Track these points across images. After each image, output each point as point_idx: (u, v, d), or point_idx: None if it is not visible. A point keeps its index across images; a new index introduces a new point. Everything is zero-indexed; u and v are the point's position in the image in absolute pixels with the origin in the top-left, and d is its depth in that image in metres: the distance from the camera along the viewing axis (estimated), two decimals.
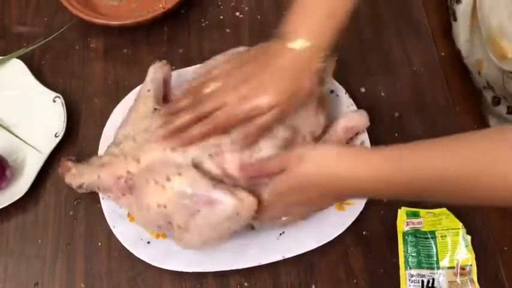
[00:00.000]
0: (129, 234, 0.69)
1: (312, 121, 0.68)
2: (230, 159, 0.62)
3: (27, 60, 0.82)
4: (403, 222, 0.69)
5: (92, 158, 0.69)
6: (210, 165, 0.62)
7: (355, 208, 0.70)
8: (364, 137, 0.73)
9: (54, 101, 0.78)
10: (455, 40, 0.82)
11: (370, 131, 0.73)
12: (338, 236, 0.68)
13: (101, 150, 0.74)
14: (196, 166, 0.62)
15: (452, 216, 0.68)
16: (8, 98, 0.80)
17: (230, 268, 0.67)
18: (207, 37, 0.86)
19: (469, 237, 0.67)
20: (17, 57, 0.81)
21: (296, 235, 0.68)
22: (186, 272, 0.67)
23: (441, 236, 0.67)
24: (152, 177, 0.61)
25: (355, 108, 0.76)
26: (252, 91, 0.60)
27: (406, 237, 0.68)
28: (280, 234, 0.69)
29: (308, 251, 0.68)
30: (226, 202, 0.60)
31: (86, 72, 0.83)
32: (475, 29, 0.79)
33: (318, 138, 0.69)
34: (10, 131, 0.77)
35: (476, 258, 0.66)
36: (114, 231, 0.69)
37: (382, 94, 0.80)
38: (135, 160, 0.64)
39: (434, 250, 0.67)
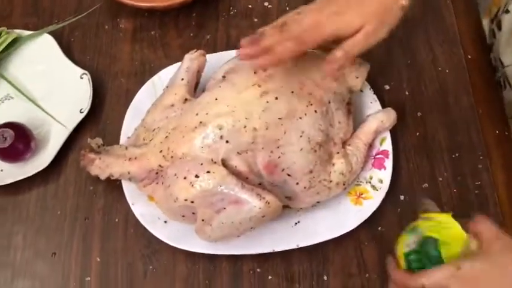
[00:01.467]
0: (146, 212, 0.69)
1: (342, 126, 0.68)
2: (259, 158, 0.63)
3: (57, 36, 0.83)
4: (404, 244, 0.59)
5: (113, 147, 0.69)
6: (237, 162, 0.63)
7: (372, 203, 0.70)
8: (386, 135, 0.74)
9: (81, 78, 0.79)
10: (495, 49, 0.82)
11: (392, 128, 0.74)
12: (353, 229, 0.69)
13: (124, 130, 0.75)
14: (224, 162, 0.63)
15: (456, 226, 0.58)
16: (37, 72, 0.81)
17: (244, 253, 0.68)
18: (234, 25, 0.86)
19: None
20: (48, 33, 0.83)
21: (311, 225, 0.69)
22: (200, 254, 0.68)
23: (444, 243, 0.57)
24: (182, 173, 0.62)
25: (378, 104, 0.76)
26: (342, 8, 0.59)
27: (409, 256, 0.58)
28: (296, 223, 0.69)
29: (322, 242, 0.68)
30: (254, 204, 0.60)
31: (113, 51, 0.84)
32: None
33: (346, 142, 0.70)
34: (37, 104, 0.79)
35: None
36: (133, 208, 0.70)
37: (406, 93, 0.80)
38: (167, 155, 0.64)
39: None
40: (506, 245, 0.51)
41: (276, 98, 0.64)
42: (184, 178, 0.61)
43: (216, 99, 0.64)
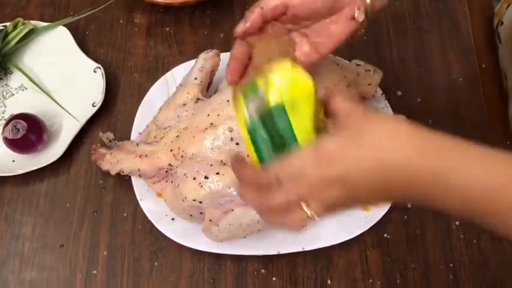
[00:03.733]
0: (155, 208, 0.70)
1: None
2: None
3: (73, 29, 0.84)
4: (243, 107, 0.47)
5: (124, 143, 0.70)
6: None
7: (378, 210, 0.70)
8: None
9: (94, 72, 0.80)
10: (500, 60, 0.81)
11: None
12: (359, 235, 0.69)
13: (136, 126, 0.75)
14: None
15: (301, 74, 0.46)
16: (51, 64, 0.82)
17: (249, 253, 0.68)
18: None
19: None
20: (63, 26, 0.83)
21: (317, 229, 0.69)
22: (206, 252, 0.69)
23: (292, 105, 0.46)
24: (191, 173, 0.63)
25: (390, 109, 0.76)
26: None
27: (255, 134, 0.46)
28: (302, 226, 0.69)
29: (327, 247, 0.69)
30: None
31: (127, 46, 0.85)
32: None
33: None
34: (50, 96, 0.79)
35: None
36: (141, 204, 0.70)
37: (418, 100, 0.80)
38: (177, 154, 0.65)
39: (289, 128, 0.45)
40: (362, 116, 0.44)
41: None
42: (194, 179, 0.62)
43: (228, 101, 0.65)
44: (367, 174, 0.42)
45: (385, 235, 0.71)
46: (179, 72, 0.77)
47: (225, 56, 0.76)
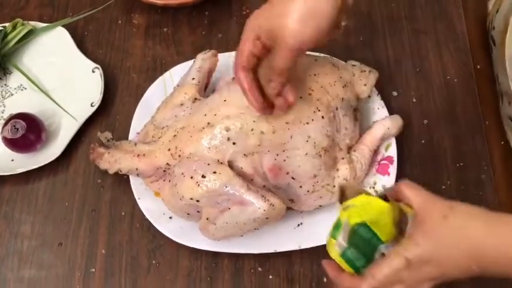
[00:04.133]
0: (152, 207, 0.71)
1: (348, 132, 0.69)
2: (264, 160, 0.64)
3: (71, 29, 0.84)
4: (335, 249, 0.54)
5: (122, 142, 0.71)
6: (243, 164, 0.64)
7: None
8: (392, 141, 0.74)
9: (93, 72, 0.80)
10: (494, 64, 0.82)
11: (397, 135, 0.74)
12: None
13: (134, 125, 0.76)
14: (231, 164, 0.64)
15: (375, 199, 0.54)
16: (50, 64, 0.83)
17: (246, 252, 0.69)
18: None
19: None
20: (62, 26, 0.84)
21: (314, 227, 0.70)
22: (203, 250, 0.70)
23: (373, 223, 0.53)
24: (188, 172, 0.63)
25: (386, 110, 0.76)
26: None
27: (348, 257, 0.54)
28: (298, 224, 0.70)
29: (324, 245, 0.68)
30: (258, 206, 0.61)
31: (126, 46, 0.86)
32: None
33: (351, 147, 0.71)
34: (49, 96, 0.80)
35: None
36: (139, 202, 0.71)
37: (414, 100, 0.81)
38: (175, 153, 0.65)
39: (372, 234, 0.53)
40: (442, 211, 0.49)
41: None
42: (191, 177, 0.62)
43: (225, 100, 0.65)
44: (457, 263, 0.48)
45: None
46: (177, 73, 0.78)
47: (222, 57, 0.77)
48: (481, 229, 0.48)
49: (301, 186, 0.66)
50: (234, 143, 0.63)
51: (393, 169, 0.73)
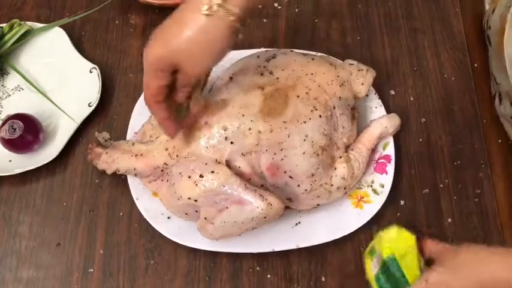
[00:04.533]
0: (150, 207, 0.71)
1: (346, 131, 0.69)
2: (262, 159, 0.64)
3: (69, 30, 0.84)
4: (371, 267, 0.64)
5: (120, 142, 0.71)
6: (241, 163, 0.64)
7: (372, 207, 0.71)
8: (389, 140, 0.74)
9: (90, 72, 0.80)
10: (490, 64, 0.82)
11: (395, 133, 0.74)
12: (353, 232, 0.70)
13: (132, 125, 0.76)
14: (228, 163, 0.64)
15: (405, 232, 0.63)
16: (47, 65, 0.83)
17: (244, 251, 0.69)
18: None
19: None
20: (59, 26, 0.84)
21: (312, 226, 0.70)
22: (201, 250, 0.70)
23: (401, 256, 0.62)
24: (186, 172, 0.63)
25: (383, 109, 0.76)
26: None
27: (379, 282, 0.63)
28: (296, 224, 0.70)
29: (321, 244, 0.70)
30: (256, 205, 0.61)
31: (123, 47, 0.86)
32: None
33: (349, 146, 0.71)
34: (46, 97, 0.80)
35: None
36: (137, 203, 0.71)
37: (411, 98, 0.81)
38: (172, 153, 0.65)
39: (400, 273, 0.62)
40: (455, 249, 0.58)
41: None
42: (189, 177, 0.62)
43: (223, 100, 0.65)
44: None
45: (379, 232, 0.72)
46: None
47: None
48: (493, 261, 0.54)
49: (299, 185, 0.66)
50: (231, 143, 0.63)
51: (391, 168, 0.73)
